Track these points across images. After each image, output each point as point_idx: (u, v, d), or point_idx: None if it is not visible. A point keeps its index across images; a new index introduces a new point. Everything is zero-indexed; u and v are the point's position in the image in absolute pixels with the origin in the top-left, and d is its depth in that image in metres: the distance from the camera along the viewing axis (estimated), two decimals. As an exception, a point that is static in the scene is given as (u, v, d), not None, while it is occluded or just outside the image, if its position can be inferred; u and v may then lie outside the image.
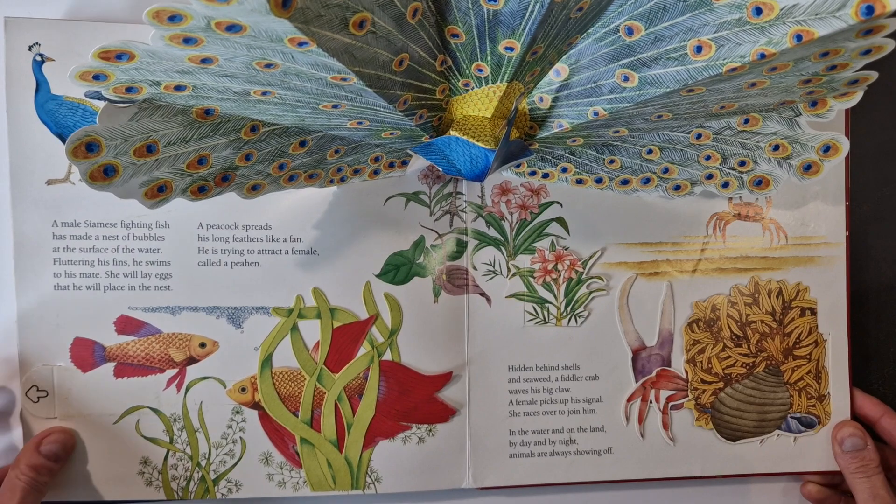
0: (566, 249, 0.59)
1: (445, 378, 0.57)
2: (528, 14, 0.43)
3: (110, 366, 0.55)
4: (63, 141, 0.53)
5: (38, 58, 0.52)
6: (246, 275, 0.55)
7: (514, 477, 0.58)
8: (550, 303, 0.59)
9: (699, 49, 0.44)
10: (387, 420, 0.57)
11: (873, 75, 0.47)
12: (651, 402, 0.59)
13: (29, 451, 0.52)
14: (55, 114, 0.53)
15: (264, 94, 0.42)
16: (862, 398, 0.60)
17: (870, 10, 0.38)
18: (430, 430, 0.57)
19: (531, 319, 0.59)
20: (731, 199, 0.60)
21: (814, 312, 0.61)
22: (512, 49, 0.46)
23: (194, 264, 0.55)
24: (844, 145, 0.53)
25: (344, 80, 0.40)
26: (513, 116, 0.46)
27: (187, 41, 0.36)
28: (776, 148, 0.54)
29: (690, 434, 0.60)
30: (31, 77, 0.52)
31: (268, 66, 0.38)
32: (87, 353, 0.54)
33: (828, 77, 0.47)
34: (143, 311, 0.55)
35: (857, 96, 0.50)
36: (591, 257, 0.59)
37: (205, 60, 0.38)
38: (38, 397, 0.54)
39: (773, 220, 0.60)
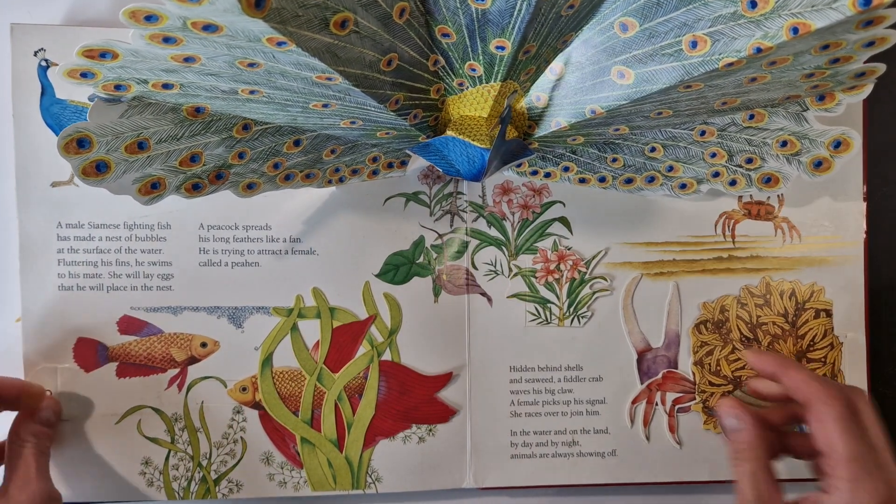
0: (569, 249, 0.58)
1: (446, 378, 0.57)
2: (515, 12, 0.43)
3: (113, 366, 0.55)
4: (67, 144, 0.54)
5: (43, 63, 0.53)
6: (246, 275, 0.56)
7: (515, 478, 0.58)
8: (553, 303, 0.58)
9: (694, 44, 0.43)
10: (387, 420, 0.57)
11: (881, 67, 0.47)
12: (657, 404, 0.58)
13: (24, 421, 0.51)
14: (59, 117, 0.53)
15: (252, 92, 0.42)
16: (754, 357, 0.48)
17: (867, 0, 0.37)
18: (431, 430, 0.57)
19: (533, 320, 0.58)
20: (740, 197, 0.59)
21: (829, 314, 0.59)
22: (503, 48, 0.45)
23: (195, 264, 0.55)
24: (855, 140, 0.52)
25: (329, 79, 0.40)
26: (505, 115, 0.45)
27: (167, 40, 0.36)
28: (784, 144, 0.53)
29: (698, 437, 0.59)
30: (37, 81, 0.53)
31: (251, 65, 0.39)
32: (90, 353, 0.55)
33: (832, 70, 0.46)
34: (146, 312, 0.55)
35: (866, 89, 0.49)
36: (594, 257, 0.58)
37: (188, 59, 0.38)
38: (43, 397, 0.55)
39: (786, 219, 0.59)
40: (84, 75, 0.40)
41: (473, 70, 0.48)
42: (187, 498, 0.56)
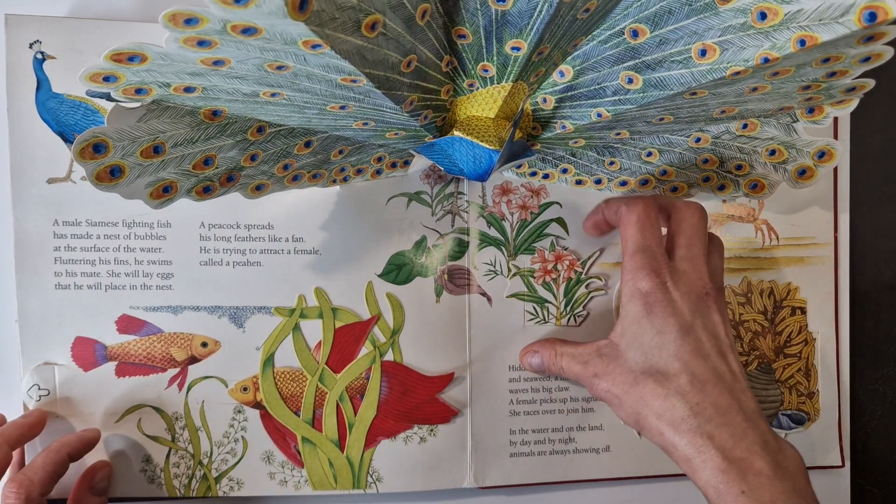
0: (565, 250, 0.59)
1: (448, 379, 0.58)
2: (536, 13, 0.43)
3: (112, 365, 0.54)
4: (64, 139, 0.52)
5: (39, 55, 0.51)
6: (248, 274, 0.55)
7: (514, 476, 0.59)
8: (550, 302, 0.59)
9: (703, 52, 0.44)
10: (389, 420, 0.57)
11: (870, 83, 0.48)
12: (647, 400, 0.60)
13: (83, 493, 0.52)
14: (56, 112, 0.52)
15: (273, 95, 0.42)
16: (589, 222, 0.58)
17: (873, 16, 0.38)
18: (432, 430, 0.57)
19: (531, 319, 0.59)
20: (724, 200, 0.61)
21: (804, 311, 0.62)
22: (518, 49, 0.46)
23: (196, 264, 0.55)
24: (839, 151, 0.54)
25: (354, 81, 0.40)
26: (518, 117, 0.46)
27: (201, 43, 0.36)
28: (773, 153, 0.55)
29: (686, 432, 0.60)
30: (32, 75, 0.51)
31: (279, 67, 0.38)
32: (88, 353, 0.54)
33: (827, 84, 0.47)
34: (145, 311, 0.54)
35: (852, 104, 0.50)
36: (589, 257, 0.60)
37: (217, 62, 0.38)
38: (40, 396, 0.53)
39: (765, 221, 0.61)
40: (106, 79, 0.39)
41: (486, 71, 0.48)
42: (188, 495, 0.55)
